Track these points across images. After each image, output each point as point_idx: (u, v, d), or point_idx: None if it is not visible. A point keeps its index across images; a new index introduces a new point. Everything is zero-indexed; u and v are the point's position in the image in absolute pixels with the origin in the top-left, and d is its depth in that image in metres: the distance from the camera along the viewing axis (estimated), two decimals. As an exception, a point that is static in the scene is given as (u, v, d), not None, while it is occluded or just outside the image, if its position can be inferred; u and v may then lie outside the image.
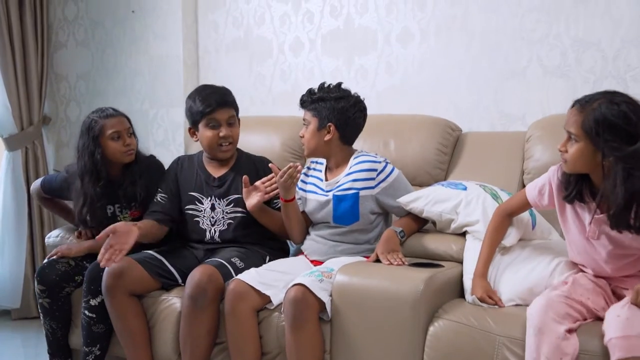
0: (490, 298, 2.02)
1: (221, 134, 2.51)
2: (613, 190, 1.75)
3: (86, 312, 2.48)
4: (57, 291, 2.63)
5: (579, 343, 1.76)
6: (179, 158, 2.71)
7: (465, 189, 2.33)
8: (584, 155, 1.80)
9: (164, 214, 2.57)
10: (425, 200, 2.33)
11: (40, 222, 3.82)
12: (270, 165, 2.44)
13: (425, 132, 2.80)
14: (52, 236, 2.94)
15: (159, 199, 2.59)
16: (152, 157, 2.81)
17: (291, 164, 2.35)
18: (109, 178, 2.67)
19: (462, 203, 2.28)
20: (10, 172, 3.75)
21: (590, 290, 1.88)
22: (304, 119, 2.46)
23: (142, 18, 3.68)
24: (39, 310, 2.69)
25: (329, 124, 2.40)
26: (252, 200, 2.45)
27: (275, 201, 2.55)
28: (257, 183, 2.46)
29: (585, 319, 1.85)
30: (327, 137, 2.41)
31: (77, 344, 2.67)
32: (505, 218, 2.16)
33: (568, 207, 1.96)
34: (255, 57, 3.48)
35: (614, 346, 1.66)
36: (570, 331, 1.77)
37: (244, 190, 2.46)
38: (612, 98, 1.76)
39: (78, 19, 3.93)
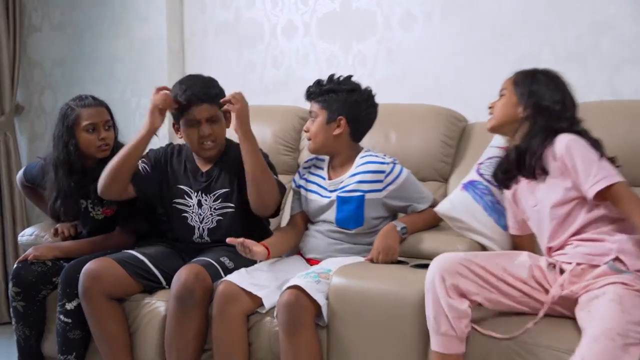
0: None
1: (201, 133, 2.47)
2: (529, 140, 2.06)
3: (61, 317, 2.46)
4: (34, 294, 2.61)
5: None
6: (170, 145, 2.68)
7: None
8: (507, 105, 2.14)
9: (139, 182, 2.52)
10: (464, 225, 2.28)
11: (12, 219, 3.80)
12: (227, 240, 2.33)
13: (429, 123, 2.79)
14: (26, 234, 2.93)
15: (139, 166, 2.52)
16: None
17: (239, 242, 2.28)
18: (83, 171, 2.65)
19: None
20: (-20, 166, 3.73)
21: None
22: (310, 112, 2.46)
23: (123, -1, 3.66)
24: (12, 315, 2.67)
25: (340, 117, 2.40)
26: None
27: None
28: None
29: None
30: (336, 132, 2.40)
31: (50, 351, 2.66)
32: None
33: (517, 198, 2.16)
34: (246, 41, 3.47)
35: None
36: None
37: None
38: (544, 72, 2.17)
39: (53, 1, 3.90)
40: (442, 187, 2.76)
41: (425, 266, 2.18)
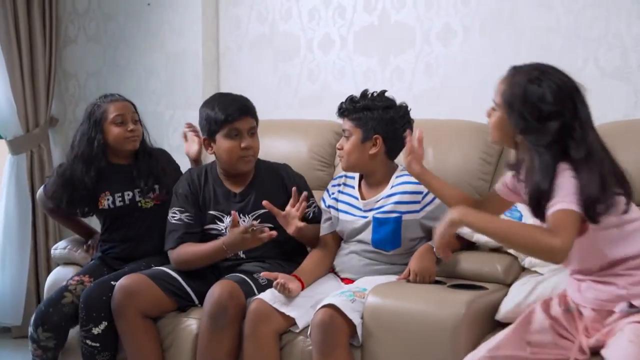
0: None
1: (243, 145, 2.50)
2: (532, 173, 1.79)
3: (88, 342, 2.46)
4: (65, 332, 2.57)
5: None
6: (190, 172, 2.68)
7: (521, 217, 2.31)
8: (500, 126, 1.88)
9: (198, 235, 2.58)
10: None
11: (45, 232, 3.87)
12: (262, 274, 2.40)
13: (468, 140, 2.78)
14: (59, 247, 2.98)
15: (185, 220, 2.55)
16: (164, 151, 2.93)
17: (277, 282, 2.30)
18: (117, 164, 2.75)
19: None
20: (13, 178, 3.81)
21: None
22: (343, 130, 2.45)
23: (159, 12, 3.72)
24: (34, 346, 2.59)
25: (376, 135, 2.39)
26: (292, 226, 2.40)
27: (307, 210, 2.54)
28: (288, 209, 2.42)
29: None
30: (372, 151, 2.40)
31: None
32: None
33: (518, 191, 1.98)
34: (281, 55, 3.50)
35: None
36: None
37: (278, 217, 2.43)
38: (540, 75, 1.81)
39: (89, 12, 3.99)
40: (480, 205, 2.75)
41: (463, 286, 2.20)
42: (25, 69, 3.80)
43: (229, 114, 2.50)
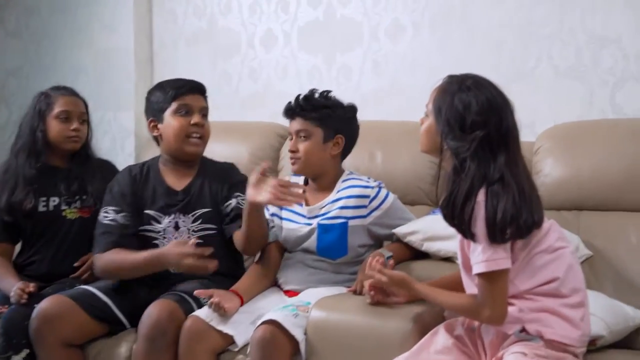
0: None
1: (193, 122, 2.45)
2: (449, 181, 1.83)
3: None
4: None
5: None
6: (129, 169, 2.61)
7: None
8: (429, 133, 1.92)
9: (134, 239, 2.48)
10: (424, 235, 2.36)
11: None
12: (195, 293, 2.31)
13: (418, 142, 2.79)
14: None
15: (120, 220, 2.45)
16: (110, 163, 2.84)
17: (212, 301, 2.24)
18: (50, 165, 2.65)
19: None
20: None
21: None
22: (298, 130, 2.40)
23: (87, 5, 3.70)
24: None
25: (339, 135, 2.40)
26: (260, 197, 2.21)
27: (229, 202, 2.48)
28: (274, 182, 2.23)
29: None
30: (334, 151, 2.41)
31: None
32: None
33: None
34: (220, 52, 3.49)
35: None
36: None
37: (254, 178, 2.24)
38: (472, 84, 1.86)
39: (8, 6, 3.94)
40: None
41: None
42: (-62, 66, 3.70)
43: (179, 87, 2.48)
